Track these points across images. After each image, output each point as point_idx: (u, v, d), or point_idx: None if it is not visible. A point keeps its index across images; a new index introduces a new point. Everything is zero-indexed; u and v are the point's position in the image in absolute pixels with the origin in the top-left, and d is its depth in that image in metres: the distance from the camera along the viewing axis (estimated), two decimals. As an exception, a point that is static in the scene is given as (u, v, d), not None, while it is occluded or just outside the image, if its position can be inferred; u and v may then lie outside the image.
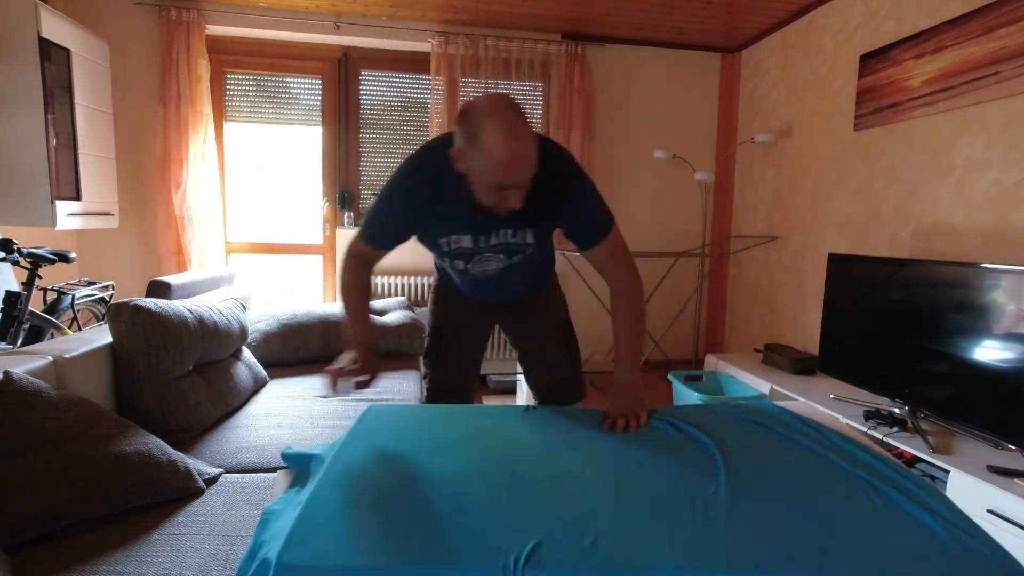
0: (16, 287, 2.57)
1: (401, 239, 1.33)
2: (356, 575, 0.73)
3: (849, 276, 2.44)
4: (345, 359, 1.32)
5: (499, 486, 0.96)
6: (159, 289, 2.22)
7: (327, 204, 3.64)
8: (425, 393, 1.72)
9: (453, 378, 1.65)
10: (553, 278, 1.70)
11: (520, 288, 1.57)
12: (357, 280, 1.39)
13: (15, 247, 2.26)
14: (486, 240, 1.30)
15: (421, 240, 1.36)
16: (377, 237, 1.32)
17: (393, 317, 2.92)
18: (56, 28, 2.58)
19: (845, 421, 2.16)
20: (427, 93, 3.65)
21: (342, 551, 0.75)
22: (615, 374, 1.35)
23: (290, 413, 1.96)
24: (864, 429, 2.08)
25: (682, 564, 0.75)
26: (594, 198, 1.28)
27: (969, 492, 1.68)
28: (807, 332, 3.18)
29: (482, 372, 1.96)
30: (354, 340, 1.37)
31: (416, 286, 3.66)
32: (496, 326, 1.76)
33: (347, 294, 1.39)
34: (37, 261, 2.40)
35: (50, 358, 1.48)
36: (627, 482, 0.98)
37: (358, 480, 0.96)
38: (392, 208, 1.27)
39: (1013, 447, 1.83)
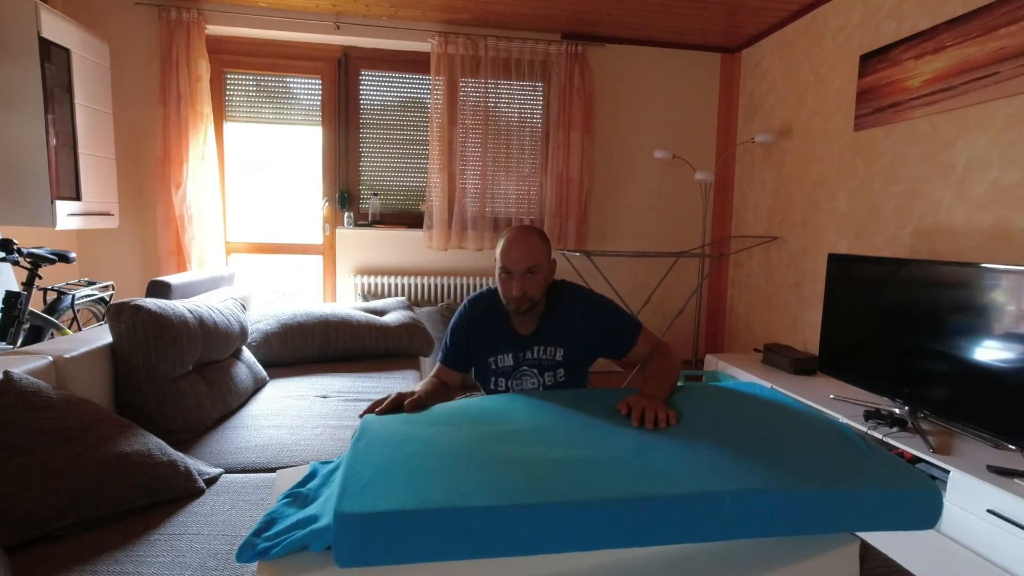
0: (16, 287, 2.57)
1: (464, 359, 1.58)
2: (411, 517, 0.81)
3: (849, 276, 2.44)
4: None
5: (525, 444, 1.04)
6: (159, 289, 2.23)
7: (327, 204, 3.64)
8: None
9: None
10: None
11: None
12: (432, 385, 1.52)
13: (15, 247, 2.26)
14: (523, 356, 1.53)
15: (476, 365, 1.60)
16: (448, 358, 1.58)
17: (393, 317, 2.92)
18: (56, 28, 2.58)
19: (845, 421, 2.16)
20: (427, 93, 3.65)
21: (394, 500, 0.83)
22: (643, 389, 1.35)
23: (290, 413, 1.96)
24: (864, 429, 2.08)
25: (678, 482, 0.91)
26: (613, 306, 1.54)
27: (969, 492, 1.68)
28: (807, 332, 3.18)
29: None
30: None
31: (416, 286, 3.66)
32: None
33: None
34: (37, 261, 2.39)
35: (50, 358, 1.48)
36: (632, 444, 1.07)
37: (384, 452, 1.01)
38: (454, 332, 1.58)
39: (1013, 447, 1.83)
